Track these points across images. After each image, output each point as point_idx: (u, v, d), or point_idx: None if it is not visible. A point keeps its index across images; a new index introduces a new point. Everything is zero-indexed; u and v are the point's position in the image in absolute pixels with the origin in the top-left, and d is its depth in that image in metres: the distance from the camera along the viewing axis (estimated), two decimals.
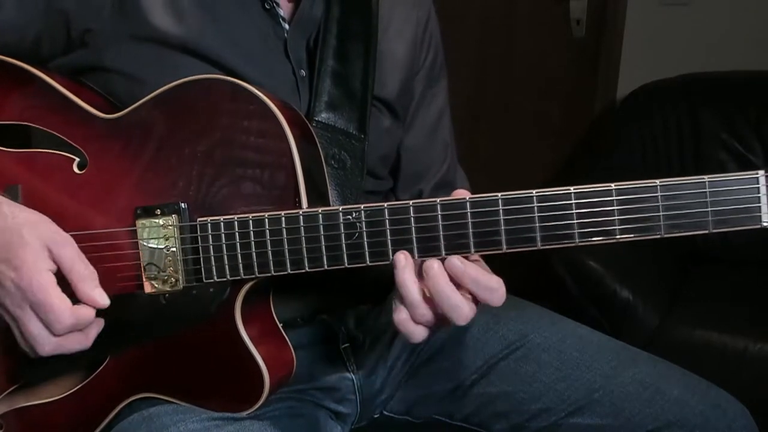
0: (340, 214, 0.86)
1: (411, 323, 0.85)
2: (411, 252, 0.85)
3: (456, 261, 0.83)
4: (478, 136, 2.78)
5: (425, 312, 0.84)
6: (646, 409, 1.06)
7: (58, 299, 0.86)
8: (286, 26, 1.05)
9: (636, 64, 2.72)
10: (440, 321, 0.86)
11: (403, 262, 0.84)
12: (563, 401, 1.09)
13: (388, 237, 0.85)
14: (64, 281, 0.88)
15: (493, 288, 0.83)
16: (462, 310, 0.83)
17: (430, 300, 0.84)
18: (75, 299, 0.88)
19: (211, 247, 0.90)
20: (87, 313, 0.89)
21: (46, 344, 0.88)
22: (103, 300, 0.89)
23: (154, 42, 0.98)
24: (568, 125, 2.85)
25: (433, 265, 0.83)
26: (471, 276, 0.83)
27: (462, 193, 0.85)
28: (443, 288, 0.83)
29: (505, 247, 0.83)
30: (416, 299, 0.84)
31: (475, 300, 0.85)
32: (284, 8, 1.06)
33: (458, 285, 0.83)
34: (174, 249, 0.92)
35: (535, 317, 1.17)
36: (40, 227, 0.89)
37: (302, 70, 1.06)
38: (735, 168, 2.33)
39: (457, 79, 1.31)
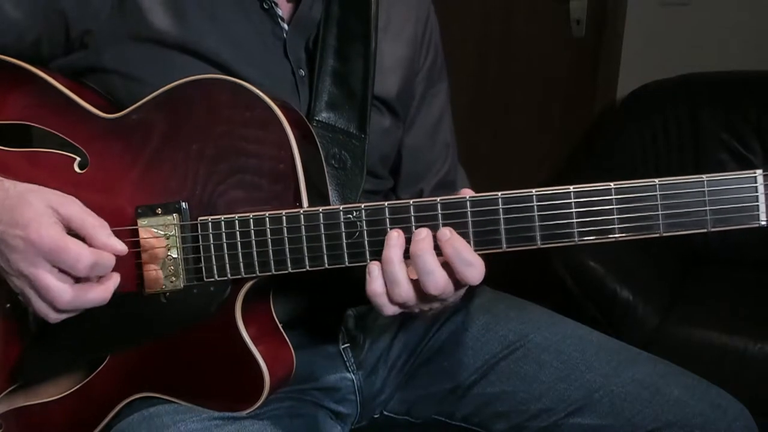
0: (341, 213, 0.86)
1: (385, 298, 0.86)
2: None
3: (445, 230, 0.84)
4: (478, 136, 2.78)
5: (404, 292, 0.85)
6: (646, 409, 1.06)
7: (71, 241, 0.86)
8: (285, 26, 1.05)
9: (636, 64, 2.71)
10: (416, 304, 0.87)
11: (395, 240, 0.85)
12: (563, 401, 1.09)
13: None
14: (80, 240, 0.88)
15: (471, 263, 0.84)
16: (435, 276, 0.84)
17: (413, 282, 0.85)
18: None
19: (212, 246, 0.91)
20: (107, 255, 0.88)
21: (65, 294, 0.87)
22: (121, 245, 0.89)
23: (154, 42, 0.98)
24: (568, 125, 2.85)
25: (422, 231, 0.84)
26: (453, 245, 0.83)
27: (468, 193, 0.85)
28: (423, 251, 0.84)
29: (504, 245, 0.84)
30: (400, 278, 0.85)
31: (457, 284, 0.85)
32: (283, 8, 1.06)
33: (439, 253, 0.84)
34: (175, 248, 0.92)
35: (535, 317, 1.17)
36: (42, 191, 0.90)
37: (301, 70, 1.06)
38: (735, 168, 2.30)
39: (457, 79, 1.31)
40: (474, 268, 0.84)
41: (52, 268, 0.86)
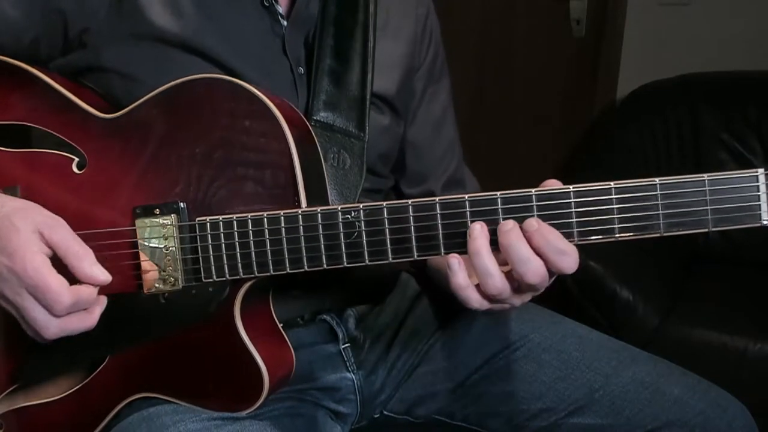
0: (339, 213, 0.86)
1: (471, 290, 0.84)
2: (410, 251, 0.85)
3: (531, 220, 0.81)
4: (478, 136, 2.78)
5: (498, 283, 0.82)
6: (646, 408, 1.06)
7: (54, 279, 0.85)
8: (284, 23, 1.05)
9: (636, 64, 2.72)
10: (510, 295, 0.84)
11: (479, 231, 0.82)
12: (563, 401, 1.09)
13: (387, 236, 0.85)
14: (63, 266, 0.87)
15: (564, 251, 0.81)
16: (531, 264, 0.81)
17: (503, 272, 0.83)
18: (74, 281, 0.87)
19: (210, 246, 0.90)
20: (87, 291, 0.87)
21: (50, 327, 0.86)
22: (105, 276, 0.88)
23: (153, 40, 0.98)
24: (568, 125, 2.85)
25: (508, 223, 0.82)
26: (544, 236, 0.81)
27: (553, 183, 0.84)
28: (516, 241, 0.81)
29: None
30: (491, 269, 0.82)
31: (551, 272, 0.83)
32: (282, 5, 1.05)
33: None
34: (173, 248, 0.92)
35: (536, 317, 1.17)
36: (30, 213, 0.88)
37: (300, 68, 1.06)
38: (735, 168, 2.31)
39: (457, 79, 1.31)
40: (568, 257, 0.81)
41: (36, 301, 0.86)
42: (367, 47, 1.09)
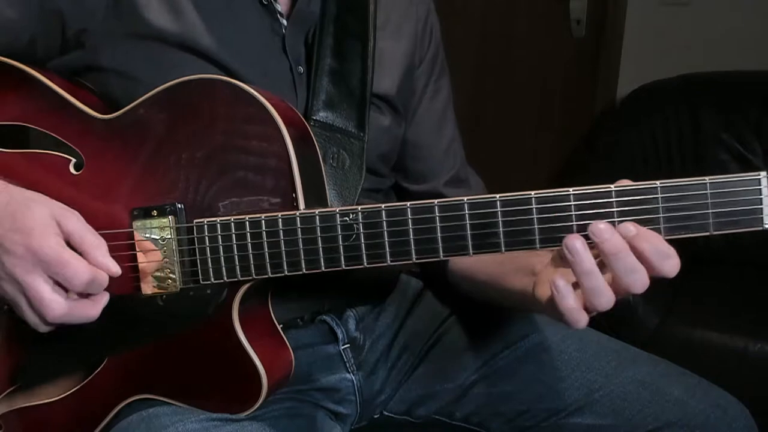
0: (338, 215, 0.85)
1: (582, 312, 0.80)
2: (408, 254, 0.84)
3: (629, 224, 0.77)
4: (477, 136, 2.77)
5: (606, 300, 0.79)
6: (647, 409, 1.06)
7: (72, 256, 0.85)
8: (284, 22, 1.05)
9: (636, 64, 2.71)
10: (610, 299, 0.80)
11: (582, 247, 0.77)
12: (563, 401, 1.09)
13: (386, 239, 0.84)
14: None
15: (668, 255, 0.77)
16: (641, 274, 0.77)
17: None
18: None
19: (208, 248, 0.90)
20: (102, 275, 0.88)
21: (58, 307, 0.86)
22: (116, 268, 0.89)
23: (151, 40, 0.98)
24: (568, 125, 2.85)
25: (599, 224, 0.76)
26: (648, 240, 0.77)
27: (624, 182, 0.80)
28: (622, 250, 0.76)
29: (503, 248, 0.82)
30: (602, 287, 0.78)
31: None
32: (281, 3, 1.05)
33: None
34: (171, 250, 0.91)
35: (536, 317, 1.17)
36: (45, 202, 0.89)
37: (300, 67, 1.06)
38: (735, 168, 2.33)
39: (457, 79, 1.31)
40: (672, 260, 0.78)
41: (48, 279, 0.85)
42: (368, 47, 1.09)
